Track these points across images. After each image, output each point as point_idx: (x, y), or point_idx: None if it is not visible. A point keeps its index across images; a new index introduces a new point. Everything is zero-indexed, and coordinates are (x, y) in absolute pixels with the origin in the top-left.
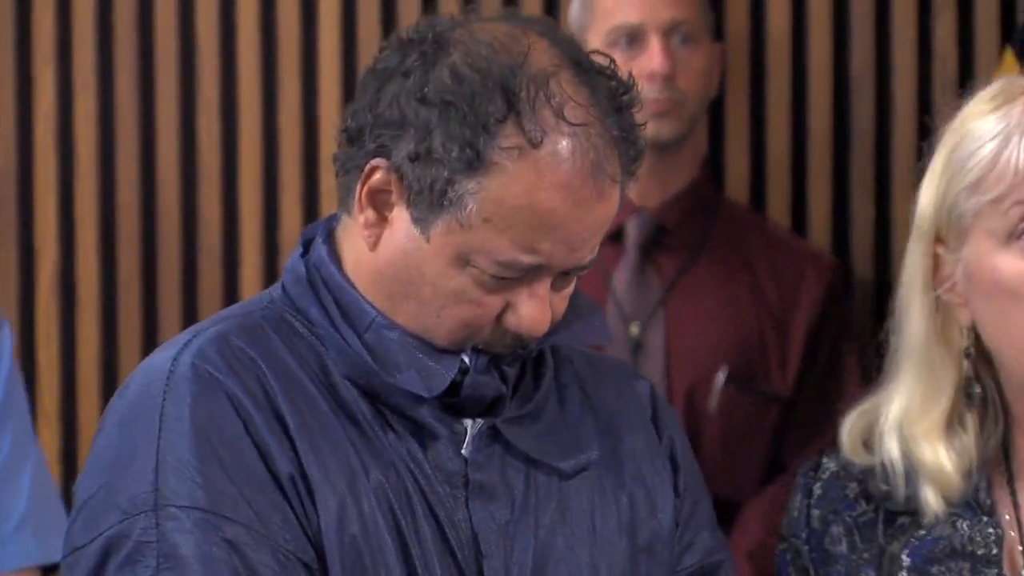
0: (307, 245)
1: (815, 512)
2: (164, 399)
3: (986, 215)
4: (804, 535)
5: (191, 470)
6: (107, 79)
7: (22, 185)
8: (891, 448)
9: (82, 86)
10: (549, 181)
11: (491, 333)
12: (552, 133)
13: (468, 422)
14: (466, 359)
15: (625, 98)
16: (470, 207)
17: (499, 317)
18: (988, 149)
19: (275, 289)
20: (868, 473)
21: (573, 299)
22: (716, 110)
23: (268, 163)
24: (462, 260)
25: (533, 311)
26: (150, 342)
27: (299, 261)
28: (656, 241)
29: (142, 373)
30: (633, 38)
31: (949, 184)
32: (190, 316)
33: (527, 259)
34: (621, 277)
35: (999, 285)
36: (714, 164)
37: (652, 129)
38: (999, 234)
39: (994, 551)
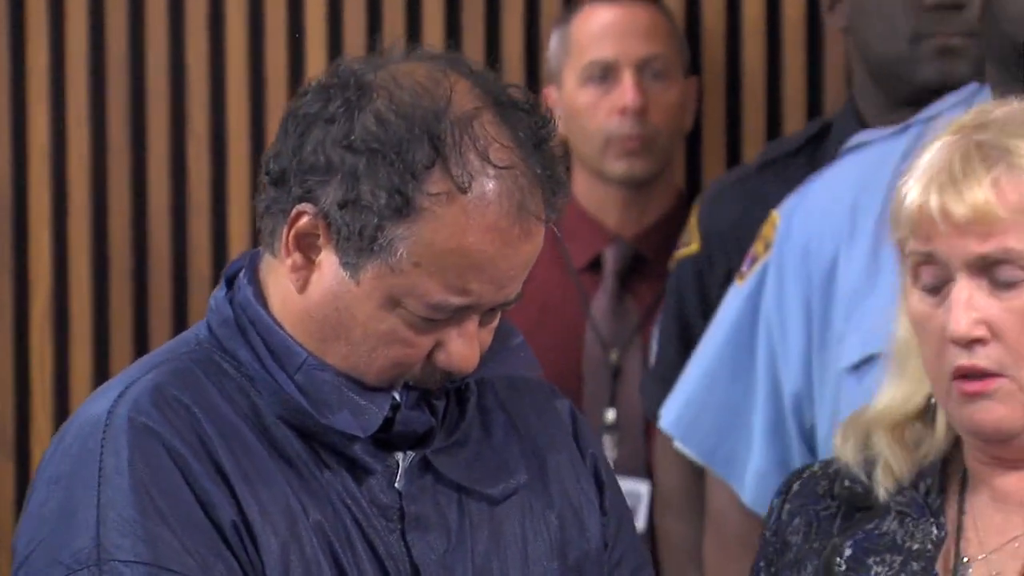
0: (230, 282)
1: (786, 507)
2: (102, 452)
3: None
4: (773, 527)
5: (133, 523)
6: (99, 116)
7: (17, 219)
8: (859, 444)
9: (75, 123)
10: (477, 224)
11: (421, 371)
12: (479, 177)
13: (400, 455)
14: (396, 396)
15: (544, 133)
16: (400, 252)
17: (429, 355)
18: (902, 186)
19: (200, 330)
20: (841, 471)
21: (499, 330)
22: (693, 142)
23: (256, 194)
24: (392, 303)
25: (463, 349)
26: None
27: (224, 302)
28: (633, 268)
29: (76, 426)
30: (606, 73)
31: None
32: None
33: (457, 300)
34: (599, 304)
35: (911, 316)
36: (691, 194)
37: (625, 166)
38: (907, 272)
39: (929, 548)
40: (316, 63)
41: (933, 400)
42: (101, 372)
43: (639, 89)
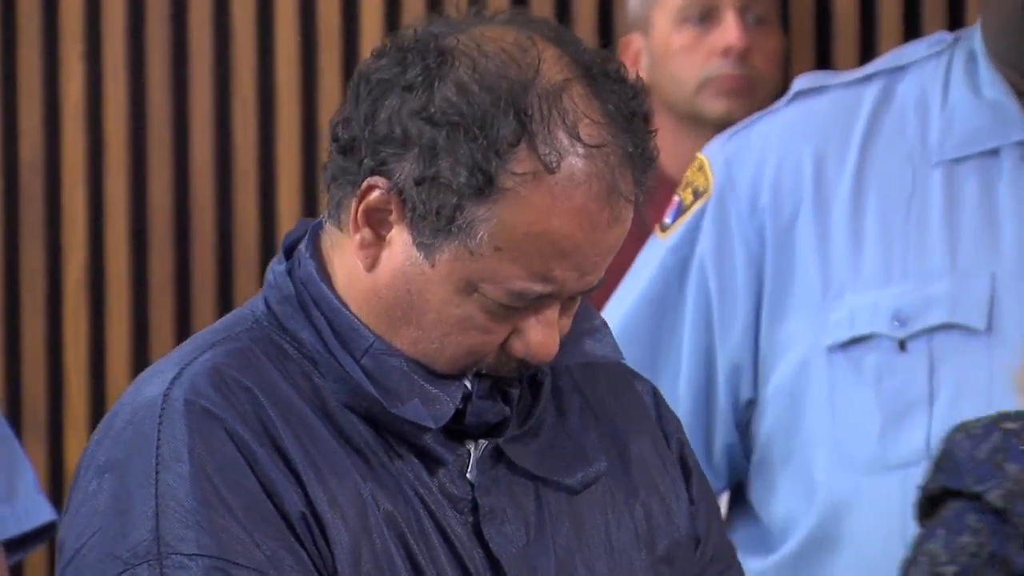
0: (288, 253)
1: None
2: (159, 438)
3: None
4: None
5: (195, 514)
6: (139, 70)
7: (49, 181)
8: None
9: (112, 76)
10: (565, 207)
11: (496, 359)
12: (567, 156)
13: (470, 444)
14: (468, 384)
15: (635, 105)
16: (480, 234)
17: (504, 342)
18: None
19: (256, 306)
20: None
21: (581, 314)
22: None
23: (308, 162)
24: (469, 288)
25: (542, 337)
26: None
27: (284, 276)
28: None
29: (127, 410)
30: (706, 14)
31: None
32: None
33: (539, 288)
34: None
35: None
36: None
37: (724, 106)
38: None
39: None
40: (371, 21)
41: None
42: (140, 349)
43: (744, 28)
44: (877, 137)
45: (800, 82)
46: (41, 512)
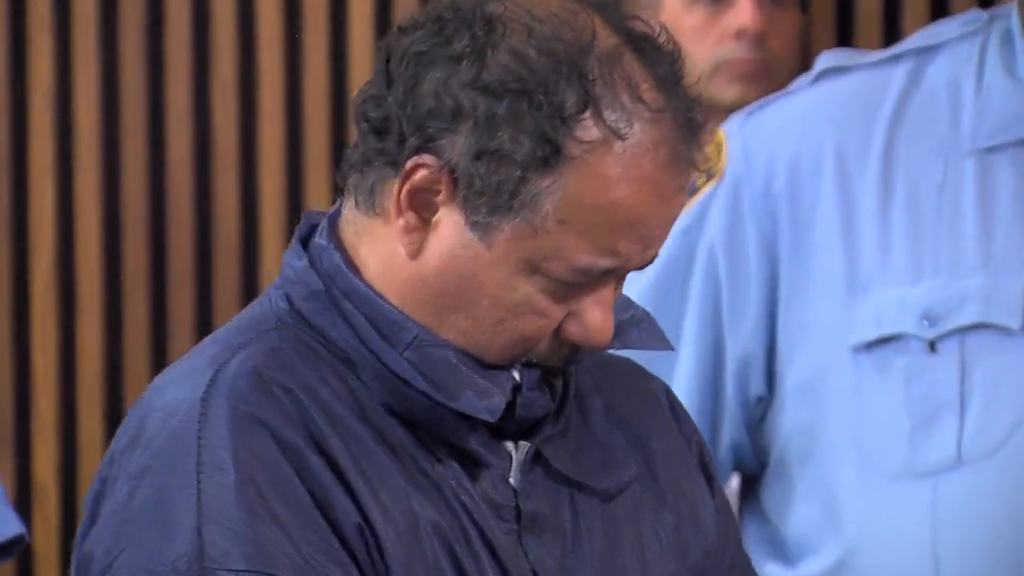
0: (304, 244)
1: None
2: (199, 445)
3: None
4: None
5: (241, 526)
6: (111, 51)
7: (15, 171)
8: None
9: (83, 58)
10: (633, 175)
11: (548, 346)
12: (635, 121)
13: (510, 445)
14: (516, 375)
15: (680, 70)
16: (545, 208)
17: (557, 328)
18: None
19: (275, 303)
20: None
21: (621, 303)
22: None
23: (292, 148)
24: (531, 267)
25: (599, 319)
26: (159, 348)
27: (309, 271)
28: None
29: (160, 415)
30: None
31: None
32: (204, 318)
33: (605, 262)
34: None
35: None
36: None
37: (738, 91)
38: None
39: None
40: (359, 1)
41: None
42: (113, 353)
43: (759, 9)
44: (905, 122)
45: (825, 60)
46: (9, 526)
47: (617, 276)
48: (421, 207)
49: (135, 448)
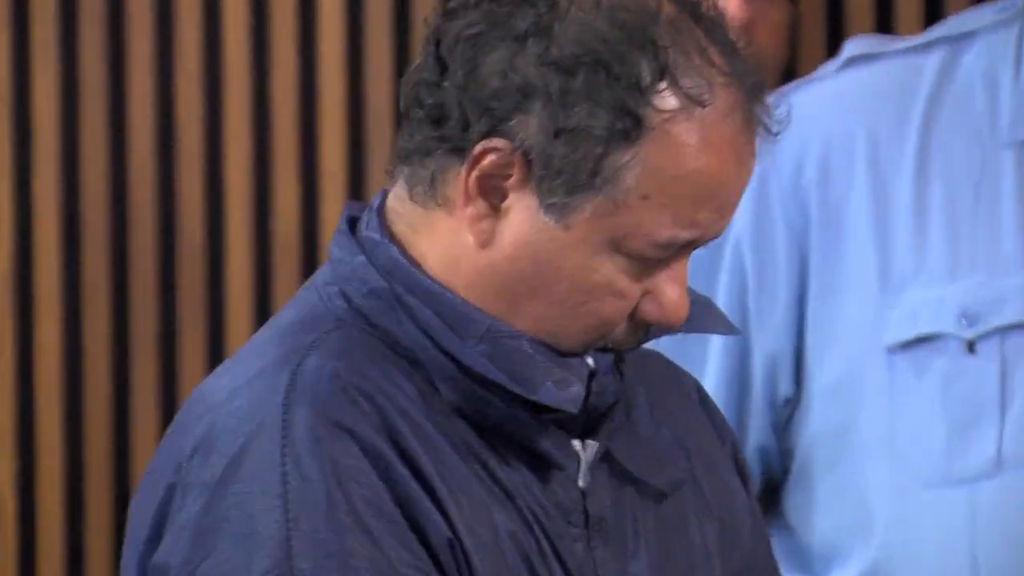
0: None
1: None
2: (283, 454)
3: None
4: None
5: (331, 543)
6: (70, 45)
7: None
8: None
9: (41, 50)
10: (713, 141)
11: (625, 328)
12: (711, 87)
13: (577, 444)
14: (590, 362)
15: (734, 36)
16: (627, 183)
17: (633, 310)
18: None
19: (330, 301)
20: None
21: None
22: (787, 77)
23: (259, 144)
24: (613, 246)
25: (676, 296)
26: (120, 354)
27: (368, 268)
28: None
29: (233, 421)
30: None
31: None
32: (167, 323)
33: (686, 234)
34: None
35: None
36: None
37: None
38: None
39: None
40: None
41: None
42: (72, 353)
43: (745, 0)
44: (940, 113)
45: (852, 46)
46: None
47: (695, 248)
48: (490, 193)
49: (208, 455)
